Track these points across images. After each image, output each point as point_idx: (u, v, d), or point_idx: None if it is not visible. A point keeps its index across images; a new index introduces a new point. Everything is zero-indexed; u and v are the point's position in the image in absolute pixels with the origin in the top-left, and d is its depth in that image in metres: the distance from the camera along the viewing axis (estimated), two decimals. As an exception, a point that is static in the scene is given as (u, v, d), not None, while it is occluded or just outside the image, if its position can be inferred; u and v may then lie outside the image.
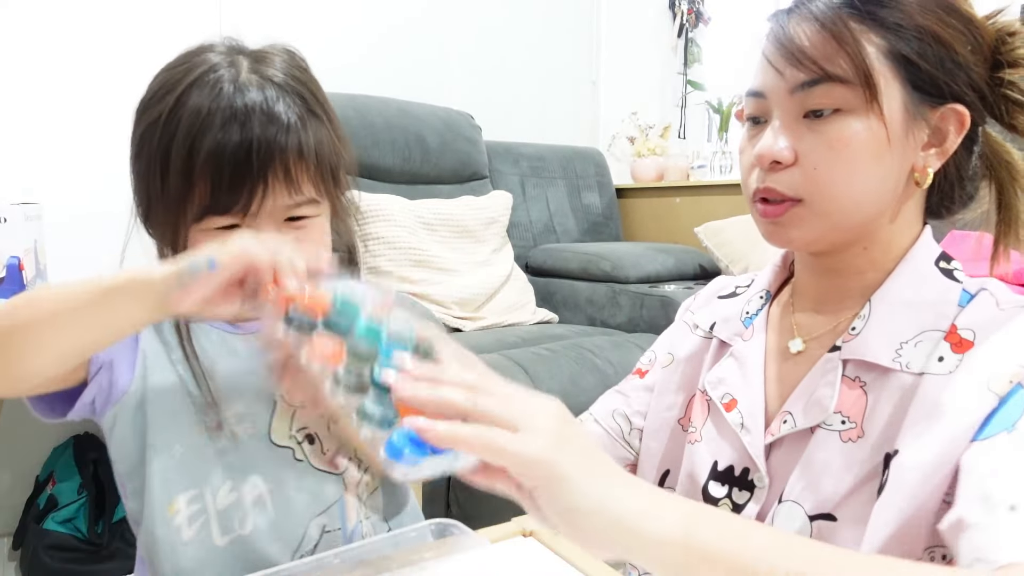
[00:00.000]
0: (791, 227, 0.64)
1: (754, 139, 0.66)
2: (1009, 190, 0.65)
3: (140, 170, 0.65)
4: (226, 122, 0.61)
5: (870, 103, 0.59)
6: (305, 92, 0.66)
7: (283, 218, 0.65)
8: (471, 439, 0.44)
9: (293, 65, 0.68)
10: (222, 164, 0.61)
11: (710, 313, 0.79)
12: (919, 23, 0.60)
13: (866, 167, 0.60)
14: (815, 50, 0.60)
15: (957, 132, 0.62)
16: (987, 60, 0.62)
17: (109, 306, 0.55)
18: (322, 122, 0.66)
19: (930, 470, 0.54)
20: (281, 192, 0.63)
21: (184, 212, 0.62)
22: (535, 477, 0.45)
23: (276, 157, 0.62)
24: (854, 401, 0.62)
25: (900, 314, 0.62)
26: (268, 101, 0.62)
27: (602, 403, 0.86)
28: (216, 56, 0.65)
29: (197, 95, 0.62)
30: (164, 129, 0.62)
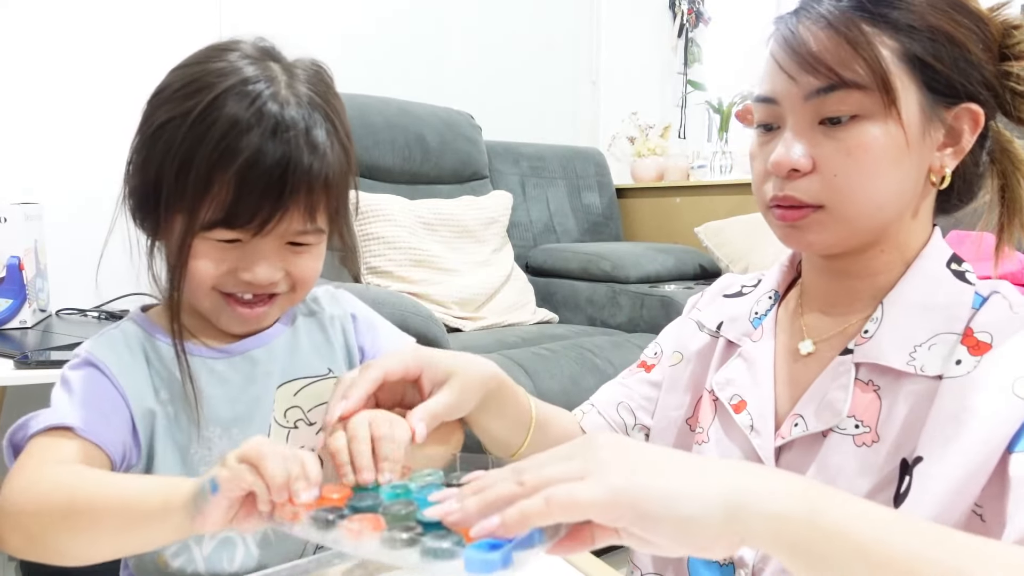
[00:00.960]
0: (810, 232, 0.63)
1: (766, 146, 0.65)
2: (1013, 179, 0.65)
3: (152, 158, 0.62)
4: (266, 139, 0.59)
5: (888, 108, 0.58)
6: (334, 115, 0.64)
7: (285, 242, 0.64)
8: (541, 507, 0.41)
9: (323, 83, 0.66)
10: (250, 182, 0.59)
11: (716, 312, 0.78)
12: (931, 23, 0.59)
13: (886, 172, 0.60)
14: (830, 55, 0.59)
15: (972, 131, 0.61)
16: (995, 55, 0.62)
17: (139, 533, 0.53)
18: (343, 147, 0.65)
19: (961, 478, 0.54)
20: (297, 218, 0.62)
21: (194, 216, 0.60)
22: (624, 509, 0.42)
23: (303, 186, 0.60)
24: (868, 405, 0.61)
25: (913, 317, 0.62)
26: (308, 124, 0.61)
27: (605, 394, 0.84)
28: (249, 64, 0.62)
29: (234, 103, 0.59)
30: (193, 127, 0.59)
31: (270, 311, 0.68)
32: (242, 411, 0.68)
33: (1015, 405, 0.53)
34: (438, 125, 2.41)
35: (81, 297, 1.87)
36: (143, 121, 0.64)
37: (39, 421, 0.60)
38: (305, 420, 0.71)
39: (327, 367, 0.74)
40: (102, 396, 0.64)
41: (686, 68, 3.20)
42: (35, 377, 1.20)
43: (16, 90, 1.87)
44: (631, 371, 0.85)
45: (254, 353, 0.70)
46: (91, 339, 0.68)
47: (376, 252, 2.01)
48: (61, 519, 0.53)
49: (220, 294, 0.65)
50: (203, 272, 0.63)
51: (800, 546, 0.41)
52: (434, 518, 0.45)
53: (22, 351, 1.31)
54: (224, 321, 0.67)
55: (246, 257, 0.63)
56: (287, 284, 0.66)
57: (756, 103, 0.66)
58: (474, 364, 0.65)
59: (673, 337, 0.82)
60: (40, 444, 0.60)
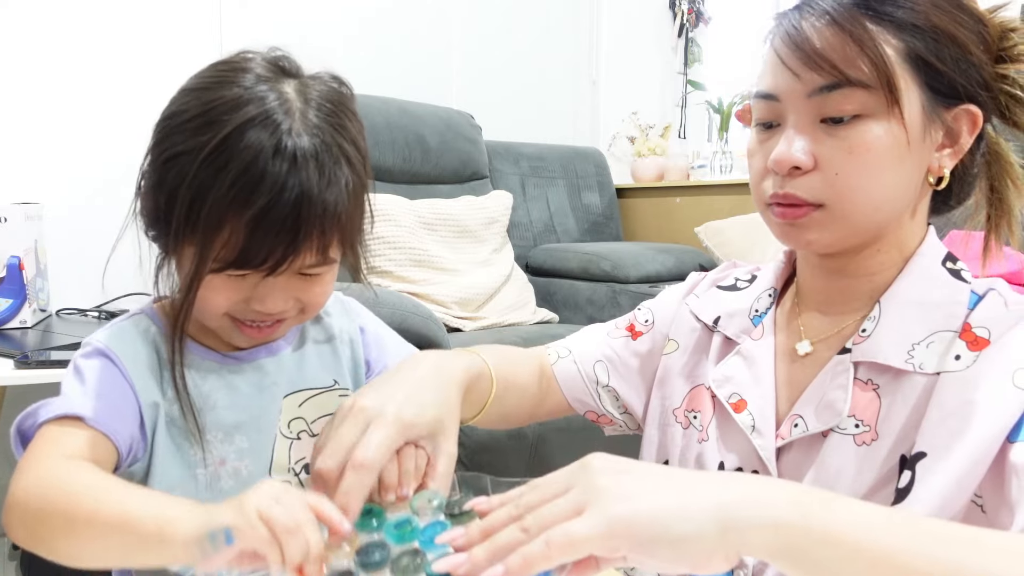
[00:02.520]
0: (810, 230, 0.63)
1: (765, 143, 0.65)
2: (1001, 182, 0.66)
3: (163, 185, 0.61)
4: (277, 181, 0.57)
5: (891, 107, 0.58)
6: (347, 144, 0.62)
7: (297, 272, 0.63)
8: (543, 551, 0.43)
9: (339, 104, 0.64)
10: (266, 224, 0.58)
11: (712, 304, 0.78)
12: (935, 23, 0.59)
13: (888, 171, 0.60)
14: (834, 53, 0.58)
15: (970, 132, 0.62)
16: (992, 56, 0.62)
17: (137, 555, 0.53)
18: (358, 175, 0.63)
19: (964, 471, 0.54)
20: (310, 256, 0.61)
21: (205, 251, 0.59)
22: (620, 540, 0.43)
23: (316, 223, 0.59)
24: (867, 404, 0.61)
25: (910, 315, 0.62)
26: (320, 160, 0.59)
27: (586, 344, 0.84)
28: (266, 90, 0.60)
29: (248, 138, 0.58)
30: (205, 166, 0.58)
31: (278, 331, 0.68)
32: (246, 419, 0.68)
33: (1015, 396, 0.54)
34: (438, 125, 2.40)
35: (81, 297, 1.87)
36: (155, 145, 0.62)
37: (49, 409, 0.60)
38: (308, 431, 0.71)
39: (333, 379, 0.74)
40: (113, 386, 0.64)
41: (686, 68, 3.20)
42: (35, 377, 1.20)
43: (16, 90, 1.87)
44: (617, 330, 0.85)
45: (263, 362, 0.70)
46: (103, 329, 0.68)
47: (376, 252, 2.01)
48: (61, 525, 0.53)
49: (231, 318, 0.65)
50: (215, 304, 0.63)
51: (796, 553, 0.42)
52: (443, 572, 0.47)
53: (22, 351, 1.31)
54: (231, 337, 0.68)
55: (258, 289, 0.63)
56: (296, 309, 0.66)
57: (756, 99, 0.65)
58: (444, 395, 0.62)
59: (668, 318, 0.81)
60: (50, 434, 0.59)
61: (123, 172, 0.67)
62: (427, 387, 0.61)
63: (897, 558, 0.40)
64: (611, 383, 0.81)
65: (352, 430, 0.55)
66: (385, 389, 0.59)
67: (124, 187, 0.67)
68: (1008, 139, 0.66)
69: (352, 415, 0.56)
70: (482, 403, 0.73)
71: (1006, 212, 0.65)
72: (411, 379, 0.61)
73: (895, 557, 0.40)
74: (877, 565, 0.40)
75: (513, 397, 0.78)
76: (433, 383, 0.61)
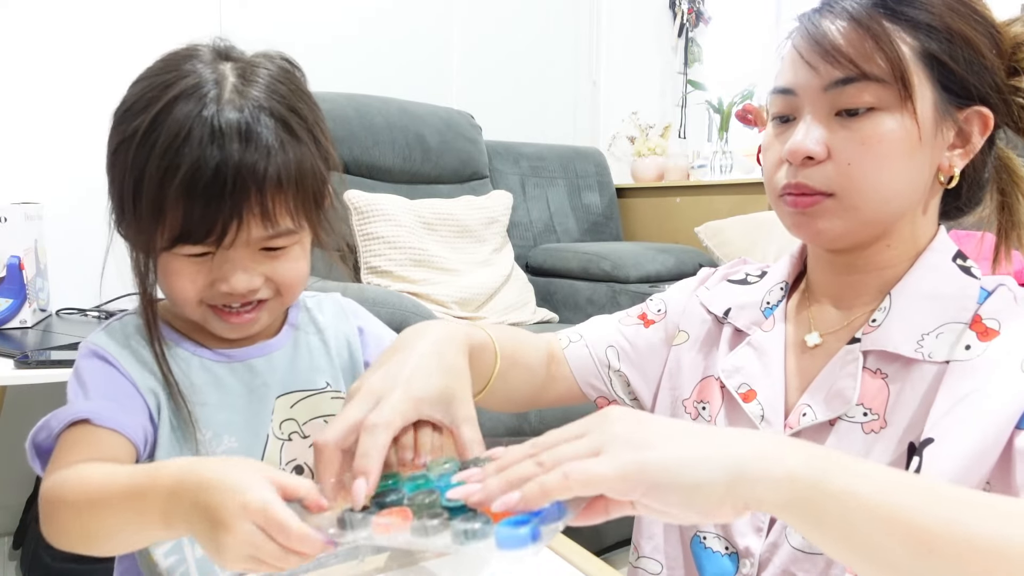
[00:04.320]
0: (820, 219, 0.64)
1: (780, 136, 0.66)
2: (1011, 194, 0.67)
3: (114, 181, 0.63)
4: (202, 149, 0.58)
5: (904, 102, 0.60)
6: (288, 113, 0.62)
7: (258, 248, 0.63)
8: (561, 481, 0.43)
9: (281, 80, 0.64)
10: (195, 195, 0.58)
11: (723, 297, 0.79)
12: (949, 24, 0.61)
13: (898, 164, 0.61)
14: (851, 48, 0.61)
15: (981, 133, 0.63)
16: (1005, 67, 0.63)
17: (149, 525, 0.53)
18: (305, 144, 0.63)
19: (972, 456, 0.55)
20: (256, 225, 0.60)
21: (155, 235, 0.60)
22: (635, 483, 0.43)
23: (252, 190, 0.59)
24: (876, 392, 0.62)
25: (921, 307, 0.63)
26: (249, 124, 0.59)
27: (598, 330, 0.85)
28: (201, 67, 0.61)
29: (175, 114, 0.59)
30: (139, 148, 0.59)
31: (260, 316, 0.67)
32: (236, 419, 0.68)
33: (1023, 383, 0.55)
34: (438, 125, 2.40)
35: (81, 297, 1.87)
36: (108, 139, 0.64)
37: (58, 420, 0.61)
38: (300, 433, 0.71)
39: (325, 381, 0.74)
40: (114, 384, 0.64)
41: (686, 68, 3.19)
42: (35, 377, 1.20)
43: (16, 90, 1.87)
44: (629, 318, 0.85)
45: (254, 362, 0.70)
46: (95, 331, 0.68)
47: (376, 252, 2.01)
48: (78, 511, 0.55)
49: (207, 306, 0.65)
50: (183, 289, 0.63)
51: (806, 508, 0.42)
52: (458, 500, 0.46)
53: (22, 351, 1.31)
54: (216, 328, 0.67)
55: (220, 268, 0.62)
56: (270, 290, 0.65)
57: (774, 94, 0.67)
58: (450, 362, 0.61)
59: (680, 308, 0.82)
60: (64, 445, 0.61)
61: None
62: (430, 357, 0.60)
63: (904, 515, 0.41)
64: (622, 368, 0.82)
65: (360, 407, 0.55)
66: (389, 368, 0.58)
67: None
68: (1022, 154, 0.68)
69: (359, 396, 0.56)
70: (486, 377, 0.72)
71: (1017, 224, 0.67)
72: (414, 354, 0.59)
73: (903, 514, 0.41)
74: (884, 520, 0.41)
75: (519, 376, 0.77)
76: (435, 352, 0.60)
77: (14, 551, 1.79)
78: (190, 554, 0.66)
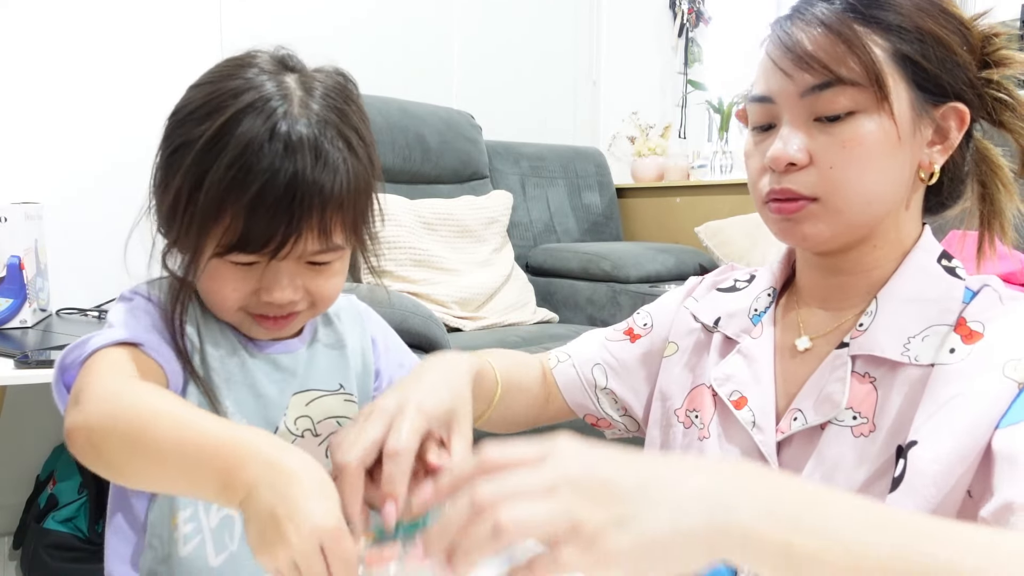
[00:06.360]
0: (806, 223, 0.64)
1: (761, 144, 0.67)
2: (991, 184, 0.68)
3: (170, 178, 0.63)
4: (271, 164, 0.58)
5: (881, 103, 0.61)
6: (349, 130, 0.63)
7: (306, 261, 0.64)
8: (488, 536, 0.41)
9: (342, 95, 0.65)
10: (261, 207, 0.59)
11: (712, 306, 0.79)
12: (920, 25, 0.62)
13: (880, 165, 0.62)
14: (824, 53, 0.61)
15: (958, 129, 0.64)
16: (977, 60, 0.64)
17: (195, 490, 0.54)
18: (361, 162, 0.64)
19: (954, 460, 0.55)
20: (312, 239, 0.62)
21: (207, 239, 0.60)
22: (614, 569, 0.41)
23: (315, 206, 0.60)
24: (865, 396, 0.63)
25: (906, 310, 0.63)
26: (318, 142, 0.60)
27: (585, 349, 0.86)
28: (265, 77, 0.62)
29: (244, 124, 0.59)
30: (203, 154, 0.60)
31: (292, 323, 0.69)
32: (252, 404, 0.69)
33: (1005, 386, 0.55)
34: (438, 125, 2.40)
35: (81, 297, 1.88)
36: (164, 140, 0.64)
37: (103, 337, 0.60)
38: (312, 431, 0.72)
39: (339, 383, 0.75)
40: (157, 323, 0.65)
41: (686, 68, 3.20)
42: (35, 377, 1.21)
43: (16, 90, 1.87)
44: (616, 333, 0.86)
45: (277, 357, 0.71)
46: (140, 285, 0.69)
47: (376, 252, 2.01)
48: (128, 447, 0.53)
49: (244, 312, 0.66)
50: (225, 297, 0.64)
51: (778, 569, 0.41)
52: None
53: (22, 351, 1.31)
54: (248, 330, 0.69)
55: (265, 279, 0.64)
56: (308, 302, 0.67)
57: (751, 103, 0.68)
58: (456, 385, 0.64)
59: (667, 321, 0.83)
60: (107, 357, 0.59)
61: (123, 171, 0.68)
62: (440, 383, 0.63)
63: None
64: (609, 385, 0.83)
65: (376, 426, 0.56)
66: (402, 391, 0.60)
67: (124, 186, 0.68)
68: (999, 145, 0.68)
69: (374, 414, 0.58)
70: (487, 401, 0.76)
71: (998, 213, 0.68)
72: (425, 379, 0.63)
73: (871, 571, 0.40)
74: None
75: (518, 400, 0.81)
76: (444, 379, 0.64)
77: (14, 551, 1.79)
78: (205, 524, 0.67)
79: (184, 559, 0.66)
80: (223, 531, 0.67)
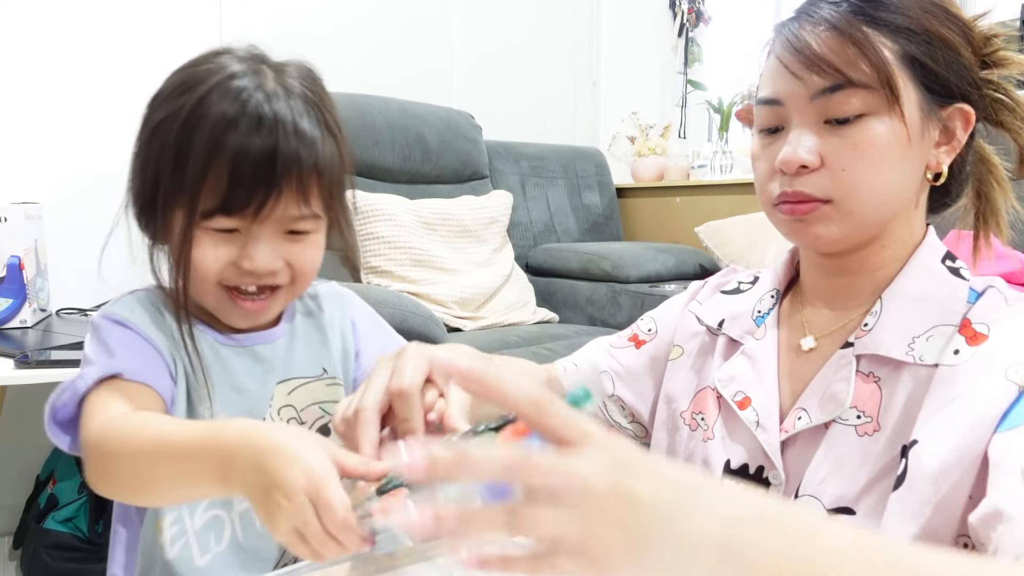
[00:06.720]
0: (818, 225, 0.65)
1: (769, 147, 0.67)
2: (987, 182, 0.69)
3: (150, 158, 0.65)
4: (253, 126, 0.61)
5: (892, 106, 0.61)
6: (323, 109, 0.67)
7: (285, 229, 0.66)
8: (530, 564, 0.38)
9: (313, 81, 0.69)
10: (244, 165, 0.61)
11: (716, 308, 0.79)
12: (926, 27, 0.62)
13: (891, 166, 0.62)
14: (835, 56, 0.61)
15: (964, 129, 0.64)
16: (978, 61, 0.65)
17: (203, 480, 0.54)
18: (335, 140, 0.67)
19: (953, 459, 0.55)
20: (292, 202, 0.64)
21: (193, 205, 0.62)
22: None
23: (294, 168, 0.62)
24: (869, 396, 0.63)
25: (911, 310, 0.64)
26: (295, 113, 0.63)
27: (591, 356, 0.87)
28: (238, 62, 0.65)
29: (222, 96, 0.62)
30: (185, 123, 0.62)
31: (272, 304, 0.69)
32: (237, 401, 0.69)
33: (1006, 388, 0.55)
34: (438, 125, 2.41)
35: (81, 297, 1.88)
36: (142, 125, 0.67)
37: (85, 379, 0.61)
38: (297, 419, 0.73)
39: (322, 368, 0.75)
40: (138, 345, 0.66)
41: (686, 68, 3.20)
42: (35, 377, 1.20)
43: (16, 90, 1.87)
44: (621, 340, 0.87)
45: (258, 349, 0.72)
46: (106, 306, 0.69)
47: (376, 252, 2.01)
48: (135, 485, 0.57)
49: (224, 289, 0.67)
50: (206, 265, 0.64)
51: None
52: None
53: (22, 351, 1.31)
54: (227, 315, 0.69)
55: (246, 246, 0.65)
56: (287, 276, 0.68)
57: (759, 106, 0.67)
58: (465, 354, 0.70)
59: (672, 326, 0.83)
60: (97, 399, 0.61)
61: (124, 172, 0.68)
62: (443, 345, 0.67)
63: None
64: (617, 392, 0.83)
65: (382, 375, 0.60)
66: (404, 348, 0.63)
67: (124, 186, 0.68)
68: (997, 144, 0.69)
69: (379, 366, 0.61)
70: None
71: (993, 211, 0.69)
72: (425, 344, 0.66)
73: None
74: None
75: None
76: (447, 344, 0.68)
77: (14, 550, 1.79)
78: (189, 526, 0.68)
79: (170, 562, 0.67)
80: (208, 532, 0.68)
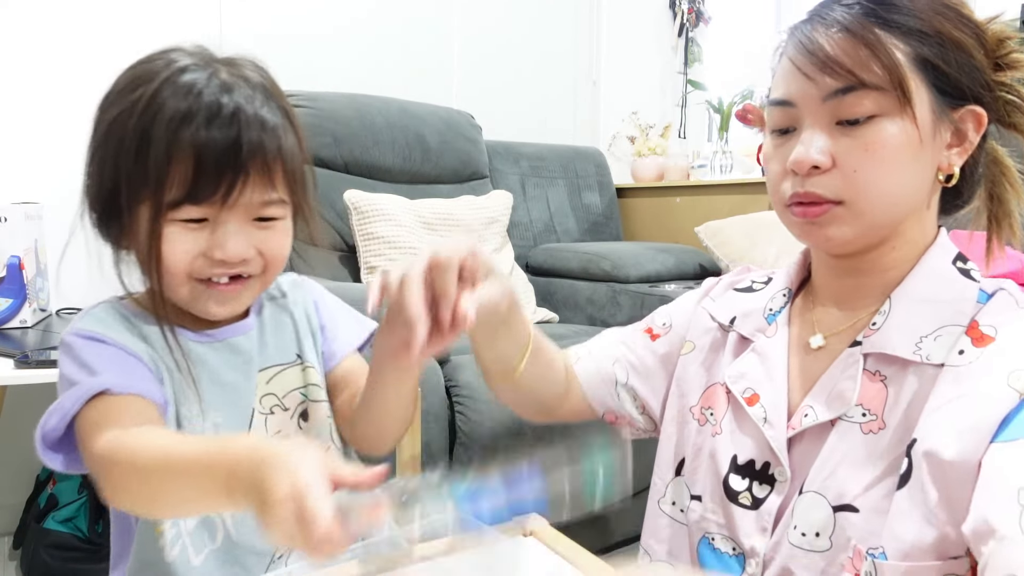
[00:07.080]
0: (830, 226, 0.65)
1: (781, 148, 0.67)
2: (1000, 184, 0.69)
3: (107, 156, 0.65)
4: (214, 115, 0.61)
5: (904, 107, 0.61)
6: (281, 99, 0.67)
7: (253, 216, 0.66)
8: None
9: (266, 73, 0.69)
10: (209, 152, 0.61)
11: (728, 306, 0.80)
12: (938, 29, 0.62)
13: (903, 168, 0.62)
14: (847, 58, 0.61)
15: (976, 131, 0.64)
16: (991, 64, 0.65)
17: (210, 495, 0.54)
18: (294, 130, 0.68)
19: (954, 460, 0.55)
20: (258, 187, 0.64)
21: (160, 197, 0.62)
22: None
23: (258, 152, 0.63)
24: (875, 394, 0.63)
25: (920, 310, 0.64)
26: (255, 101, 0.64)
27: (605, 346, 0.87)
28: (187, 57, 0.65)
29: (177, 89, 0.62)
30: (143, 115, 0.62)
31: (245, 291, 0.69)
32: (221, 396, 0.70)
33: (1007, 395, 0.55)
34: (438, 125, 2.40)
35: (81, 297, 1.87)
36: (95, 126, 0.66)
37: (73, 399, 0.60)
38: (280, 406, 0.73)
39: (295, 353, 0.76)
40: (117, 357, 0.65)
41: (686, 68, 3.20)
42: (35, 377, 1.20)
43: (16, 90, 1.87)
44: (636, 331, 0.87)
45: (234, 341, 0.72)
46: (72, 323, 0.69)
47: (376, 252, 2.01)
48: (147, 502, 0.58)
49: (196, 281, 0.66)
50: (176, 258, 0.64)
51: None
52: None
53: (22, 351, 1.31)
54: (202, 306, 0.68)
55: (216, 235, 0.64)
56: (259, 264, 0.68)
57: (771, 107, 0.68)
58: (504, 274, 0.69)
59: (685, 321, 0.84)
60: (90, 419, 0.60)
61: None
62: None
63: None
64: (630, 381, 0.84)
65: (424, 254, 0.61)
66: None
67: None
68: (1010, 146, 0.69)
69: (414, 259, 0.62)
70: (521, 348, 0.76)
71: (1006, 214, 0.69)
72: None
73: None
74: None
75: (545, 376, 0.81)
76: None
77: (14, 550, 1.79)
78: (183, 526, 0.68)
79: (171, 564, 0.67)
80: (201, 531, 0.68)
